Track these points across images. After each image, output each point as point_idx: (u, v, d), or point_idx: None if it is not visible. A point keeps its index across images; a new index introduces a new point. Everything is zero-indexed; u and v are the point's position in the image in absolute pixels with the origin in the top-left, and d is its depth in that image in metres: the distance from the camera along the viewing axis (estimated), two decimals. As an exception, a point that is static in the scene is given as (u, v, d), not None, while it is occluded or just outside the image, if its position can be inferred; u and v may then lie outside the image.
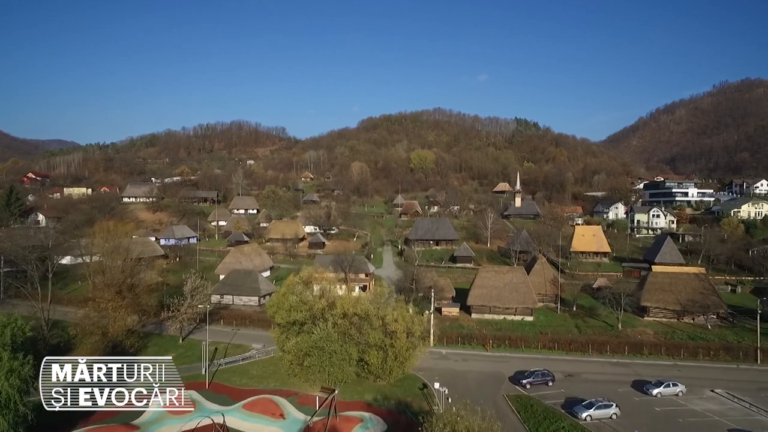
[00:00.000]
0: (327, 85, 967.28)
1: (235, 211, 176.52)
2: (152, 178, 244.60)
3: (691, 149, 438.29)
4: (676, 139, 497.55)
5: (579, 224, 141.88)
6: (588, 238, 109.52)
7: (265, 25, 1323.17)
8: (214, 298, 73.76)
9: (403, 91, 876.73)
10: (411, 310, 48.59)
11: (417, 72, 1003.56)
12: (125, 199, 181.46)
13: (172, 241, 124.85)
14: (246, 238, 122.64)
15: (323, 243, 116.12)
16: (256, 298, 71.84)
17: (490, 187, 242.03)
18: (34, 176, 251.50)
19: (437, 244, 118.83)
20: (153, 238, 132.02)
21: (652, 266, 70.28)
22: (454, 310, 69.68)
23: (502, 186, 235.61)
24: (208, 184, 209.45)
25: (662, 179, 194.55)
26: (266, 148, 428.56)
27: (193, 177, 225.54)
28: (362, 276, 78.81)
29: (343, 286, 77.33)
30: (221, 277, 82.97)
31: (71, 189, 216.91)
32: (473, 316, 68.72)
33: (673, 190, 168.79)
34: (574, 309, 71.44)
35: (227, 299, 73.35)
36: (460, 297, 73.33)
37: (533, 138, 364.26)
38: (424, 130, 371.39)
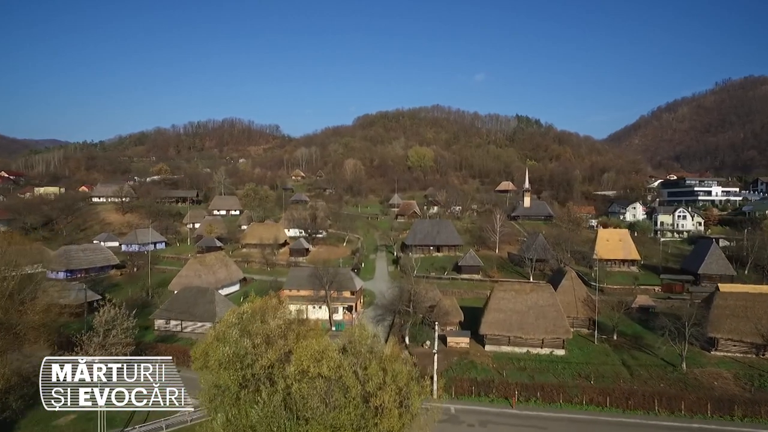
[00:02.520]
0: (325, 86, 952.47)
1: (216, 212, 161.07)
2: (135, 177, 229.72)
3: (696, 147, 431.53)
4: (679, 138, 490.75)
5: (593, 226, 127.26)
6: (613, 243, 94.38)
7: (264, 24, 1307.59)
8: (159, 324, 58.49)
9: (402, 90, 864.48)
10: (407, 360, 33.24)
11: (415, 72, 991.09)
12: (95, 199, 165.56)
13: (134, 247, 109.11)
14: (218, 244, 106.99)
15: (306, 249, 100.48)
16: (211, 325, 56.25)
17: (493, 186, 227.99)
18: (6, 175, 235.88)
19: (438, 251, 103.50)
20: (116, 243, 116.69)
21: (719, 285, 55.01)
22: (463, 340, 54.43)
23: (505, 185, 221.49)
24: (189, 182, 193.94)
25: (682, 177, 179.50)
26: (259, 147, 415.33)
27: (173, 175, 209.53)
28: (346, 294, 63.38)
29: (322, 307, 62.21)
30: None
31: (41, 188, 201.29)
32: (488, 348, 53.47)
33: (695, 189, 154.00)
34: (615, 337, 56.33)
35: (174, 325, 57.87)
36: (469, 320, 58.24)
37: (535, 135, 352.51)
38: (422, 128, 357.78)
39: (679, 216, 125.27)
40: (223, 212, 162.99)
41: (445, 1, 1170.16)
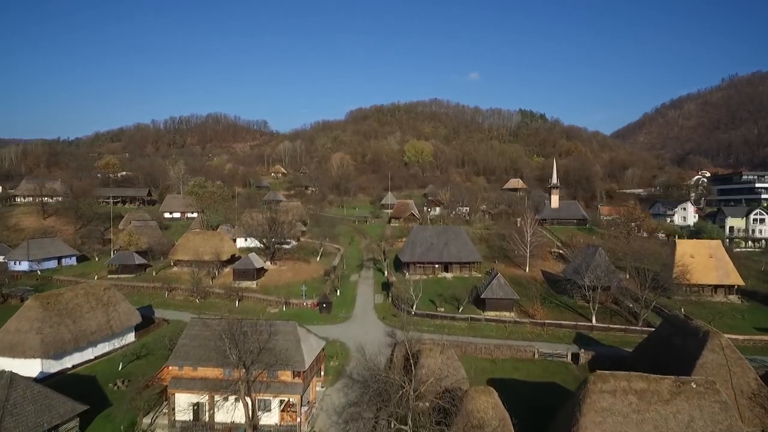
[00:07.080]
0: (319, 85, 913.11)
1: (167, 215, 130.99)
2: (98, 174, 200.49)
3: (707, 144, 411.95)
4: (686, 135, 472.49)
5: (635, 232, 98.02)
6: (701, 260, 65.19)
7: (262, 24, 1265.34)
8: None
9: (399, 90, 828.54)
10: None
11: (412, 72, 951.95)
12: (19, 199, 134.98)
13: (24, 265, 78.77)
14: (139, 260, 76.58)
15: (258, 270, 70.06)
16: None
17: (499, 183, 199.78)
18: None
19: (446, 270, 73.73)
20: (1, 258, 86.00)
21: None
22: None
23: (514, 182, 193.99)
24: (144, 180, 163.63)
25: (738, 172, 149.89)
26: (245, 143, 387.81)
27: (126, 171, 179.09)
28: (286, 377, 33.41)
29: (238, 407, 32.43)
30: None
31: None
32: None
33: (756, 186, 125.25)
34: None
35: None
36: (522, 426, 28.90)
37: (541, 131, 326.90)
38: (419, 122, 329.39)
39: (755, 219, 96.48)
40: (177, 214, 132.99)
41: (443, 1, 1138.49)
